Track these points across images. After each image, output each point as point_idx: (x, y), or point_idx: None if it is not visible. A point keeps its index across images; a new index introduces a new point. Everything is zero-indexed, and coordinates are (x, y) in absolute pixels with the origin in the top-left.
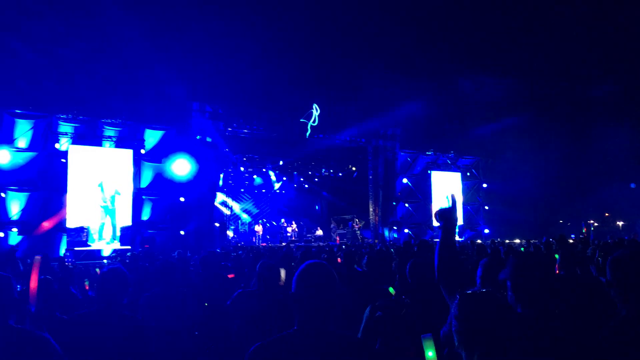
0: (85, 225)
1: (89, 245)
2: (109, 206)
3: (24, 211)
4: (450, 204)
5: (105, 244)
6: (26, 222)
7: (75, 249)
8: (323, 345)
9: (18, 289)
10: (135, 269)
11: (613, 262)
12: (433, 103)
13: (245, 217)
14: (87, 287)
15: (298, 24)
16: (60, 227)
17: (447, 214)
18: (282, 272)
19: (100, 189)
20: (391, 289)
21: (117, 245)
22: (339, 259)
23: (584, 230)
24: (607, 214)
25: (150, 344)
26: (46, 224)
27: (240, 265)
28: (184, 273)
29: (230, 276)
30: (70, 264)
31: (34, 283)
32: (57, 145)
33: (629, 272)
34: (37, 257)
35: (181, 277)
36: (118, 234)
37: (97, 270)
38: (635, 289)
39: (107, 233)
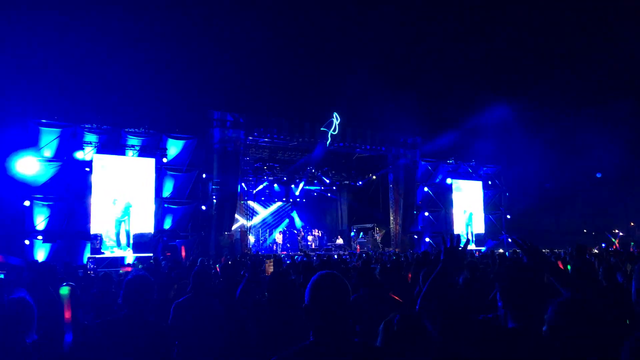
0: (99, 232)
1: (103, 253)
2: (120, 217)
3: (49, 220)
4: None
5: (114, 250)
6: (51, 230)
7: (97, 256)
8: (341, 355)
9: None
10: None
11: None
12: (453, 112)
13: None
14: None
15: (319, 34)
16: (84, 235)
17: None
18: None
19: (113, 203)
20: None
21: (130, 253)
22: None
23: (614, 240)
24: (632, 224)
25: (174, 350)
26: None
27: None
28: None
29: None
30: (92, 271)
31: (68, 314)
32: (81, 155)
33: None
34: (66, 295)
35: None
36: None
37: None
38: None
39: (124, 241)
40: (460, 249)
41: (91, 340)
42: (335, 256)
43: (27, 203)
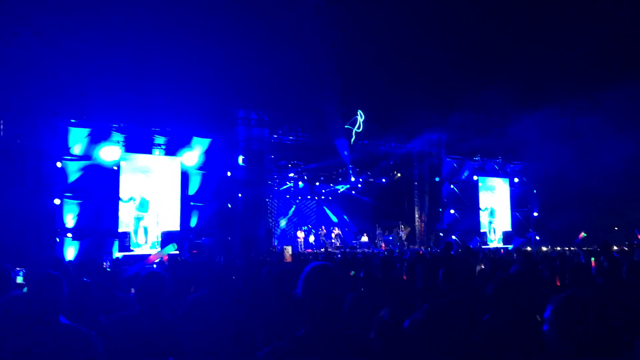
0: (127, 230)
1: (132, 250)
2: (138, 215)
3: (79, 218)
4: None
5: (149, 248)
6: (80, 228)
7: (125, 253)
8: (331, 345)
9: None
10: (180, 273)
11: None
12: (480, 107)
13: (283, 223)
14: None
15: (343, 30)
16: (112, 232)
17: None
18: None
19: (126, 201)
20: None
21: (157, 250)
22: None
23: (639, 237)
24: None
25: (187, 347)
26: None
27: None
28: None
29: None
30: (108, 267)
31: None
32: (109, 153)
33: None
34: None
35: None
36: (156, 239)
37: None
38: None
39: (141, 238)
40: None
41: (103, 336)
42: (360, 254)
43: (57, 201)
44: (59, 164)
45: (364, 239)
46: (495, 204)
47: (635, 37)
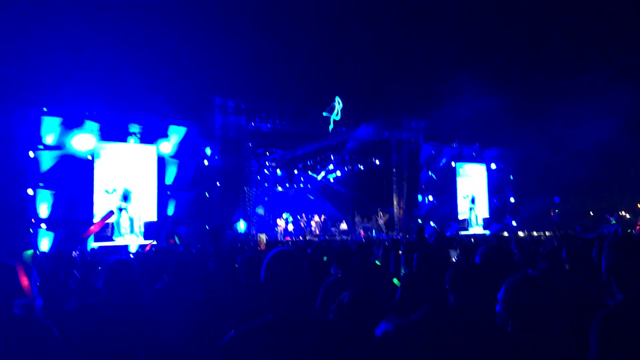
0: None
1: (114, 240)
2: (122, 205)
3: (53, 208)
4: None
5: (129, 238)
6: (54, 219)
7: (103, 244)
8: (297, 329)
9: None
10: (157, 263)
11: (610, 247)
12: (457, 94)
13: (261, 211)
14: None
15: (320, 17)
16: (87, 222)
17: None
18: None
19: (106, 192)
20: (395, 280)
21: (141, 240)
22: None
23: (613, 222)
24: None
25: (156, 334)
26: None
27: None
28: (202, 267)
29: None
30: (76, 257)
31: (25, 281)
32: (83, 142)
33: (626, 257)
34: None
35: (199, 270)
36: (142, 229)
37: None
38: (631, 273)
39: (126, 228)
40: (429, 239)
41: (72, 324)
42: (339, 241)
43: (30, 191)
44: (31, 154)
45: (343, 226)
46: (475, 190)
47: (605, 25)
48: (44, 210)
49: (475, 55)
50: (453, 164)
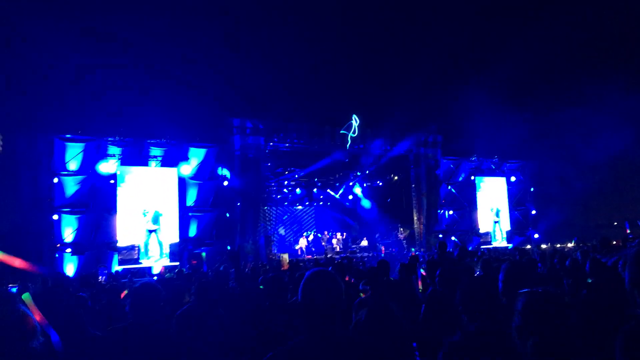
0: (135, 243)
1: (140, 263)
2: (151, 227)
3: (77, 232)
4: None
5: (154, 261)
6: (79, 243)
7: (126, 267)
8: (333, 350)
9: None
10: (179, 284)
11: (634, 259)
12: (475, 108)
13: (282, 231)
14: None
15: (335, 36)
16: (111, 246)
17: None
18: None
19: (144, 214)
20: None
21: (166, 261)
22: None
23: (628, 231)
24: None
25: (181, 358)
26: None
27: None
28: (223, 288)
29: None
30: (103, 281)
31: (38, 316)
32: (105, 167)
33: None
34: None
35: (220, 291)
36: (166, 251)
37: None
38: None
39: (154, 251)
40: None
41: (98, 349)
42: (359, 259)
43: (55, 217)
44: (55, 180)
45: (364, 243)
46: (497, 204)
47: (621, 36)
48: (68, 234)
49: (492, 69)
50: (472, 177)
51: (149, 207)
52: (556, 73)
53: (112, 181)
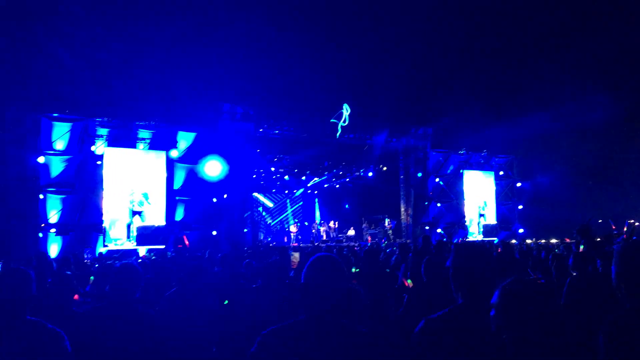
0: (103, 225)
1: (106, 245)
2: (137, 209)
3: (62, 213)
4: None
5: (120, 244)
6: (64, 223)
7: (110, 248)
8: (330, 334)
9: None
10: (163, 268)
11: (620, 255)
12: (466, 102)
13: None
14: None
15: (328, 24)
16: (97, 227)
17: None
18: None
19: (131, 195)
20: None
21: (132, 245)
22: None
23: (613, 227)
24: None
25: (162, 339)
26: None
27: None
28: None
29: None
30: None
31: None
32: (92, 148)
33: (633, 264)
34: None
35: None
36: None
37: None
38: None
39: (134, 233)
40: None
41: (78, 327)
42: (345, 248)
43: (41, 196)
44: (41, 159)
45: (351, 232)
46: (481, 197)
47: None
48: (53, 215)
49: (483, 63)
50: (461, 171)
51: (136, 189)
52: (545, 71)
53: (98, 162)
